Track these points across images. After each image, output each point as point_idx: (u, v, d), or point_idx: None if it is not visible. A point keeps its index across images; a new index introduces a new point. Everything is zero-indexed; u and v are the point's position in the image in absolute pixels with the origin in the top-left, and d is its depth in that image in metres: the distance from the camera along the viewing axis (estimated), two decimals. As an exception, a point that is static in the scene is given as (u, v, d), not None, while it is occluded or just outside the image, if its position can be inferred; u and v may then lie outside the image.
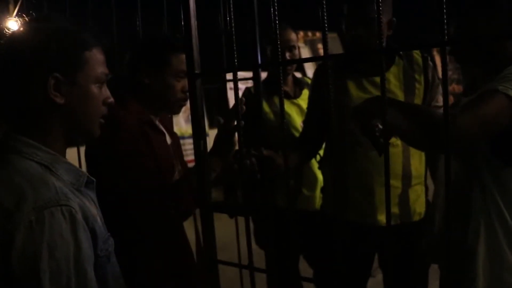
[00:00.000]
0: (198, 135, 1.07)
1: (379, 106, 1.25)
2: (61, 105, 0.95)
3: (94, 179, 1.05)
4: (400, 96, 1.82)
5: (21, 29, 0.94)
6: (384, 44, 1.81)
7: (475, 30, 1.23)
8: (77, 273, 0.87)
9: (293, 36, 2.35)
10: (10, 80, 0.93)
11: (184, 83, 1.56)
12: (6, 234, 0.83)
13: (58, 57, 0.93)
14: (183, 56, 1.53)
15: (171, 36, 1.61)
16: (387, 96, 0.96)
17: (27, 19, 0.96)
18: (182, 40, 1.56)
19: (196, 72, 1.08)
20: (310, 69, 6.14)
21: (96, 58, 1.00)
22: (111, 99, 1.06)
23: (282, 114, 0.97)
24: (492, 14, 1.19)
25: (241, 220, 1.37)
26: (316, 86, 2.05)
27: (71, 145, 1.05)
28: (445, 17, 0.73)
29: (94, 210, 0.99)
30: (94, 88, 1.00)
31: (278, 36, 1.01)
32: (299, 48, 2.51)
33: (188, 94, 1.53)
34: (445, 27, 0.73)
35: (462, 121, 1.12)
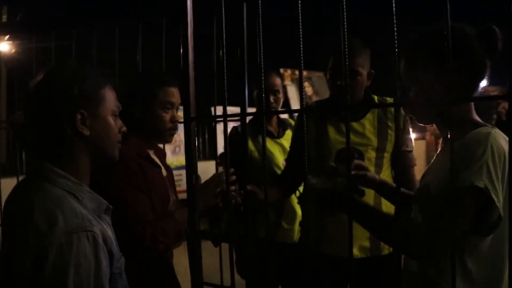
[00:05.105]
0: (191, 171, 1.21)
1: (339, 206, 1.41)
2: (87, 136, 1.15)
3: (111, 206, 1.22)
4: (374, 140, 2.01)
5: (47, 77, 1.15)
6: (362, 93, 2.03)
7: (432, 92, 1.23)
8: (96, 286, 1.04)
9: (277, 80, 2.53)
10: (44, 119, 1.13)
11: (172, 113, 1.72)
12: (40, 251, 0.99)
13: (82, 96, 1.14)
14: (169, 89, 1.72)
15: (157, 72, 1.79)
16: (367, 205, 1.29)
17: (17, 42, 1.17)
18: (167, 74, 1.74)
19: (192, 116, 1.21)
20: (295, 103, 6.31)
21: (110, 94, 1.21)
22: (124, 128, 1.27)
23: (263, 153, 1.12)
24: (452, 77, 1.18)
25: (224, 249, 1.50)
26: (299, 128, 2.23)
27: (93, 169, 1.23)
28: (399, 80, 0.89)
29: (110, 233, 1.16)
30: (111, 119, 1.21)
31: (263, 85, 1.17)
32: (285, 86, 2.68)
33: (177, 124, 1.70)
34: (401, 86, 0.88)
35: (443, 235, 1.11)
